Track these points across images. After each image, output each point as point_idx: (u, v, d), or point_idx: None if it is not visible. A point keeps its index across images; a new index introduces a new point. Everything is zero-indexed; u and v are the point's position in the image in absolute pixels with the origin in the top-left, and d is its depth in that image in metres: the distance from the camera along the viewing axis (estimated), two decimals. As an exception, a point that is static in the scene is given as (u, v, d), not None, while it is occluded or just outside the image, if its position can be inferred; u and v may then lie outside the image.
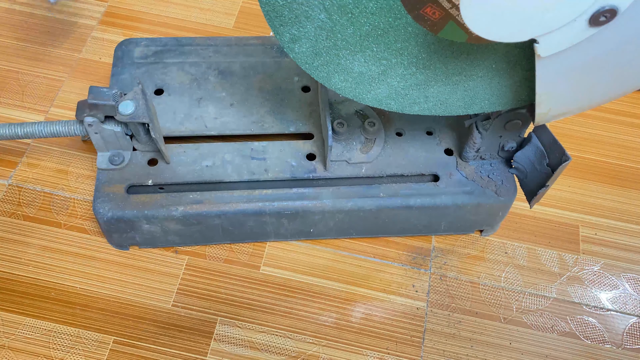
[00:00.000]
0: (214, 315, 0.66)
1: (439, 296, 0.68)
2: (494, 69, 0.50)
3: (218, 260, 0.69)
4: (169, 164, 0.66)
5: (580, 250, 0.72)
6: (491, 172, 0.66)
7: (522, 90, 0.53)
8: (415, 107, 0.54)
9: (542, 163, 0.60)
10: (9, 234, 0.70)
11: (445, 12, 0.43)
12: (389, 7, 0.43)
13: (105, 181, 0.64)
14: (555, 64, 0.45)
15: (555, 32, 0.40)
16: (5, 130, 0.67)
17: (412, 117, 0.69)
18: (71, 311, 0.65)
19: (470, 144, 0.64)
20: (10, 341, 0.63)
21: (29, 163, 0.75)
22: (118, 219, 0.63)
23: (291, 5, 0.44)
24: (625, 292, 0.69)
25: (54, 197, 0.72)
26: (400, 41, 0.46)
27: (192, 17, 0.90)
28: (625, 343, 0.66)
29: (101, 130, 0.63)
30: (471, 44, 0.47)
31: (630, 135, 0.81)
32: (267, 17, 0.45)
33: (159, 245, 0.69)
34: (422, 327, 0.66)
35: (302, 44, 0.47)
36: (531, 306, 0.68)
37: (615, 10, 0.38)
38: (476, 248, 0.71)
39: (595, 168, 0.78)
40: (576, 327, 0.67)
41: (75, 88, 0.81)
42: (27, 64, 0.83)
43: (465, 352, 0.65)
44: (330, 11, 0.44)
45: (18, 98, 0.80)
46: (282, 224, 0.67)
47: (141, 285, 0.67)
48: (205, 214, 0.63)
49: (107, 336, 0.64)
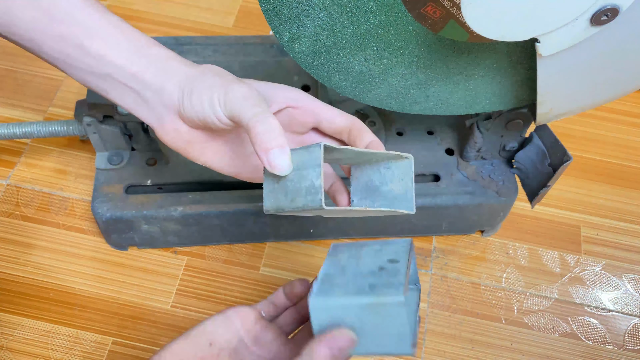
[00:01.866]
0: (213, 316, 0.65)
1: (439, 297, 0.68)
2: (495, 68, 0.50)
3: (217, 260, 0.69)
4: (168, 164, 0.65)
5: (582, 250, 0.71)
6: (492, 172, 0.66)
7: (524, 89, 0.53)
8: (415, 107, 0.54)
9: (543, 163, 0.60)
10: (7, 234, 0.69)
11: (446, 11, 0.42)
12: (390, 5, 0.43)
13: (104, 181, 0.64)
14: (557, 63, 0.44)
15: (556, 31, 0.40)
16: (4, 130, 0.67)
17: (412, 117, 0.69)
18: (70, 312, 0.65)
19: (471, 144, 0.64)
20: (8, 342, 0.63)
21: (27, 163, 0.75)
22: (117, 219, 0.63)
23: (291, 4, 0.44)
24: (627, 293, 0.69)
25: (53, 197, 0.72)
26: (400, 40, 0.46)
27: (192, 16, 0.89)
28: (627, 344, 0.66)
29: (100, 130, 0.63)
30: (472, 43, 0.47)
31: (632, 135, 0.81)
32: (267, 16, 0.45)
33: (158, 246, 0.69)
34: (423, 328, 0.66)
35: (302, 43, 0.47)
36: (532, 307, 0.67)
37: (617, 9, 0.38)
38: (477, 248, 0.71)
39: (597, 168, 0.78)
40: (577, 328, 0.66)
41: (74, 87, 0.81)
42: (25, 63, 0.83)
43: (466, 353, 0.64)
44: (330, 10, 0.44)
45: (17, 97, 0.80)
46: (282, 224, 0.66)
47: (140, 286, 0.67)
48: (204, 214, 0.63)
49: (105, 337, 0.64)
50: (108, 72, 0.40)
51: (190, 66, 0.41)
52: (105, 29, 0.40)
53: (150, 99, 0.41)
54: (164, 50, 0.42)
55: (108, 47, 0.40)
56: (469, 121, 0.62)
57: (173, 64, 0.41)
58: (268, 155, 0.37)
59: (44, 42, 0.40)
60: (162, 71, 0.40)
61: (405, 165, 0.43)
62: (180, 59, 0.42)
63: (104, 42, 0.40)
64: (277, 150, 0.37)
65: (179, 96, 0.40)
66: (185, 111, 0.40)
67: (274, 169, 0.37)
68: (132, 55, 0.40)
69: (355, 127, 0.44)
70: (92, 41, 0.40)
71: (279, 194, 0.39)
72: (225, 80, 0.40)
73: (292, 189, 0.38)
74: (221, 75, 0.41)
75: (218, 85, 0.39)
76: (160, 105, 0.41)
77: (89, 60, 0.40)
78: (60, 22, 0.39)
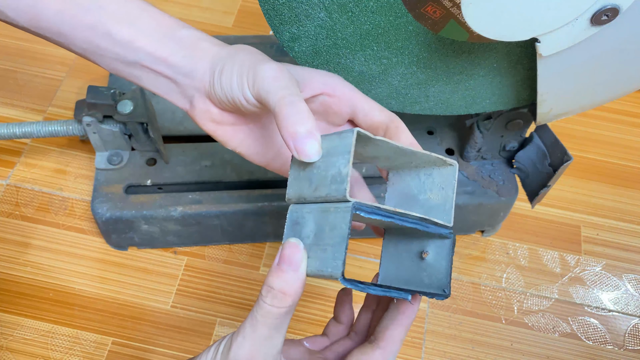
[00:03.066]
0: (213, 316, 0.65)
1: (439, 297, 0.68)
2: (495, 68, 0.50)
3: (217, 260, 0.69)
4: (167, 164, 0.65)
5: (582, 250, 0.71)
6: (492, 172, 0.66)
7: (524, 89, 0.53)
8: (416, 107, 0.54)
9: (543, 163, 0.60)
10: (7, 234, 0.69)
11: (446, 11, 0.42)
12: (390, 5, 0.43)
13: (104, 181, 0.64)
14: (557, 63, 0.44)
15: (556, 31, 0.40)
16: (4, 130, 0.67)
17: (412, 117, 0.69)
18: (69, 312, 0.65)
19: (471, 144, 0.64)
20: (8, 342, 0.63)
21: (27, 163, 0.75)
22: (116, 219, 0.63)
23: (291, 3, 0.44)
24: (627, 293, 0.69)
25: (52, 197, 0.72)
26: (400, 40, 0.46)
27: (192, 16, 0.89)
28: (627, 344, 0.65)
29: (99, 130, 0.62)
30: (472, 43, 0.47)
31: (633, 135, 0.81)
32: (267, 15, 0.45)
33: (157, 246, 0.69)
34: (423, 328, 0.66)
35: (302, 42, 0.47)
36: (532, 307, 0.67)
37: (617, 9, 0.38)
38: (477, 248, 0.71)
39: (597, 168, 0.78)
40: (578, 328, 0.66)
41: (74, 87, 0.81)
42: (25, 63, 0.83)
43: (467, 354, 0.64)
44: (330, 10, 0.44)
45: (16, 97, 0.80)
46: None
47: (140, 286, 0.67)
48: (204, 214, 0.63)
49: (105, 337, 0.64)
50: (137, 59, 0.39)
51: (221, 46, 0.40)
52: (132, 14, 0.39)
53: (181, 82, 0.40)
54: (194, 32, 0.40)
55: (136, 33, 0.39)
56: (469, 121, 0.62)
57: (204, 45, 0.39)
58: (295, 140, 0.34)
59: (72, 34, 0.39)
60: (193, 53, 0.39)
61: (448, 173, 0.39)
62: (211, 39, 0.40)
63: (131, 28, 0.39)
64: (305, 135, 0.34)
65: (210, 77, 0.39)
66: (216, 92, 0.39)
67: (300, 154, 0.34)
68: (161, 40, 0.39)
69: (393, 125, 0.41)
70: (119, 27, 0.39)
71: (303, 181, 0.36)
72: (256, 59, 0.38)
73: (318, 176, 0.35)
74: (253, 53, 0.39)
75: (248, 65, 0.37)
76: (191, 88, 0.40)
77: (118, 49, 0.39)
78: (87, 11, 0.38)
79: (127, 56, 0.40)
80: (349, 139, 0.33)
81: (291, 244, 0.34)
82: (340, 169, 0.33)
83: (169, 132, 0.67)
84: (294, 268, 0.33)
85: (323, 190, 0.34)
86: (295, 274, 0.33)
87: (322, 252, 0.34)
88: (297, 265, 0.33)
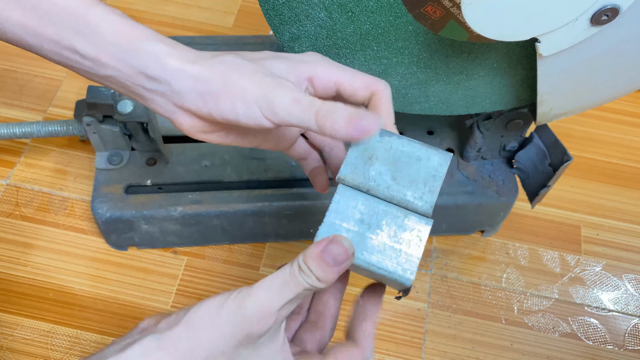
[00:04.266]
0: (213, 316, 0.65)
1: (439, 297, 0.68)
2: (495, 68, 0.50)
3: (217, 260, 0.69)
4: (167, 164, 0.65)
5: (582, 250, 0.71)
6: (492, 172, 0.66)
7: (524, 89, 0.53)
8: (416, 107, 0.54)
9: (543, 163, 0.60)
10: (7, 234, 0.69)
11: (446, 11, 0.42)
12: (390, 5, 0.43)
13: (104, 181, 0.64)
14: (557, 63, 0.44)
15: (556, 31, 0.40)
16: (4, 130, 0.67)
17: (412, 117, 0.69)
18: (70, 312, 0.65)
19: (471, 144, 0.64)
20: (8, 342, 0.63)
21: (27, 163, 0.74)
22: (116, 219, 0.63)
23: (291, 3, 0.44)
24: (627, 293, 0.69)
25: (52, 197, 0.72)
26: (400, 40, 0.46)
27: (192, 16, 0.89)
28: (627, 344, 0.65)
29: (99, 130, 0.62)
30: (472, 43, 0.47)
31: (633, 135, 0.81)
32: (267, 15, 0.45)
33: (157, 246, 0.69)
34: (423, 328, 0.66)
35: (302, 42, 0.47)
36: (532, 307, 0.67)
37: (617, 9, 0.38)
38: (477, 249, 0.71)
39: (597, 168, 0.78)
40: (578, 328, 0.66)
41: (74, 87, 0.81)
42: (25, 63, 0.83)
43: (467, 354, 0.64)
44: (330, 10, 0.44)
45: (16, 97, 0.80)
46: (282, 224, 0.66)
47: (140, 286, 0.67)
48: (204, 214, 0.63)
49: (105, 337, 0.64)
50: (107, 74, 0.38)
51: (194, 62, 0.37)
52: (92, 26, 0.36)
53: (158, 101, 0.38)
54: (159, 45, 0.37)
55: (98, 48, 0.36)
56: (469, 121, 0.62)
57: (172, 63, 0.37)
58: (354, 125, 0.34)
59: (40, 47, 0.37)
60: (163, 71, 0.37)
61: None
62: (179, 53, 0.37)
63: (95, 43, 0.36)
64: (364, 115, 0.34)
65: (197, 100, 0.37)
66: (212, 114, 0.37)
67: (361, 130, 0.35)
68: (125, 55, 0.37)
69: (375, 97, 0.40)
70: (83, 43, 0.36)
71: (369, 167, 0.37)
72: (255, 81, 0.36)
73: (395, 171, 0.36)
74: (241, 71, 0.37)
75: (252, 90, 0.36)
76: (170, 104, 0.38)
77: (87, 62, 0.37)
78: (48, 24, 0.36)
79: (98, 71, 0.38)
80: (441, 167, 0.36)
81: (343, 246, 0.35)
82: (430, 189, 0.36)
83: (169, 132, 0.67)
84: (337, 266, 0.34)
85: (402, 189, 0.36)
86: (337, 269, 0.34)
87: (394, 253, 0.36)
88: (341, 266, 0.34)
